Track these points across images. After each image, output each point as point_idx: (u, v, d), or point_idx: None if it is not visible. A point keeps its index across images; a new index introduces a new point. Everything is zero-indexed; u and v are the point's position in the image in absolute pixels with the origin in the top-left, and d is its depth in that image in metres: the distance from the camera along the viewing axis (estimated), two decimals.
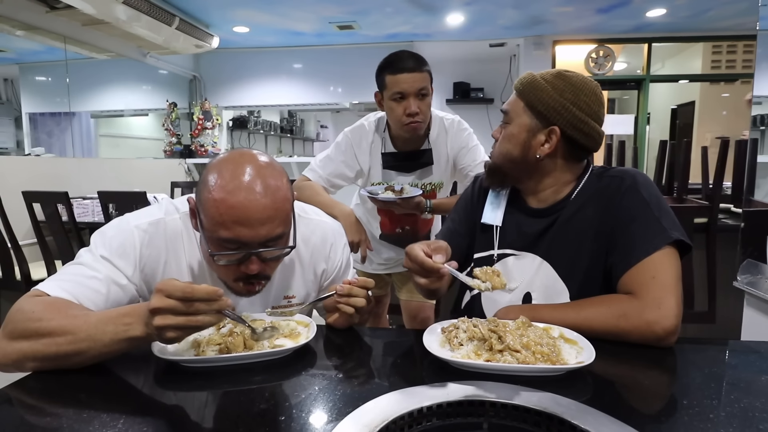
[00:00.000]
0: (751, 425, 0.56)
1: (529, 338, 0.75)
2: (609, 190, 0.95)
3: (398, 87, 1.45)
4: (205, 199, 0.80)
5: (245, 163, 0.81)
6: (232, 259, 0.82)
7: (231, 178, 0.79)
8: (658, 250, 0.87)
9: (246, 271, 0.83)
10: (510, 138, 0.99)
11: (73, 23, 3.92)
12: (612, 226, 0.93)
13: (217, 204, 0.78)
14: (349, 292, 0.88)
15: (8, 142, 4.53)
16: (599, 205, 0.95)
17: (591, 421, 0.55)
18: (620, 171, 0.98)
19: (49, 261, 2.71)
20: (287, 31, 5.24)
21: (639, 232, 0.89)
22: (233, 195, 0.78)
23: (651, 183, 0.95)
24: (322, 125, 9.10)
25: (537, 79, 0.96)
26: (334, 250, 1.08)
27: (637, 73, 5.79)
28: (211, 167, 0.82)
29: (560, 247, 0.97)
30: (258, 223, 0.79)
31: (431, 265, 0.82)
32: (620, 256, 0.90)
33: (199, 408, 0.64)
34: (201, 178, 0.84)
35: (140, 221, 0.90)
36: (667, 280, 0.85)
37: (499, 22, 4.92)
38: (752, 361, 0.78)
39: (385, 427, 0.55)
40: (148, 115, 5.80)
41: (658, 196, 0.93)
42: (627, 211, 0.92)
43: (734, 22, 4.88)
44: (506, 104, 1.01)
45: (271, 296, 1.00)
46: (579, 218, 0.96)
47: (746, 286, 1.43)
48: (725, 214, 2.25)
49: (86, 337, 0.69)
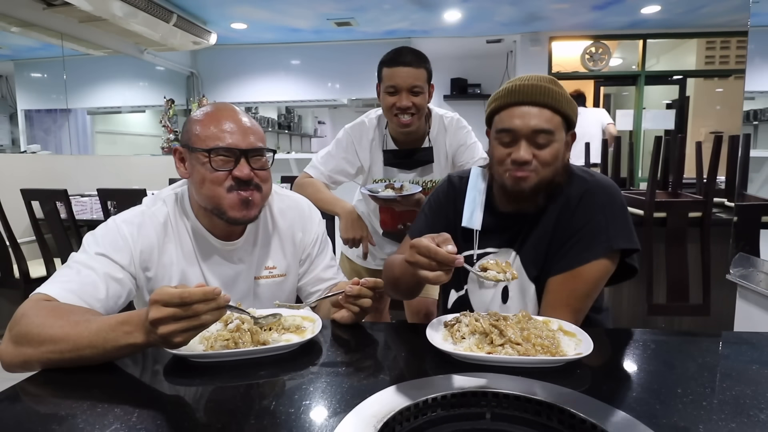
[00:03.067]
0: (742, 412, 0.58)
1: (529, 331, 0.77)
2: (571, 193, 1.01)
3: (392, 80, 1.47)
4: (193, 131, 0.94)
5: (223, 103, 0.99)
6: (225, 165, 0.92)
7: (215, 110, 0.96)
8: (590, 261, 0.95)
9: (239, 174, 0.92)
10: (557, 155, 0.98)
11: (70, 20, 3.90)
12: (565, 230, 1.00)
13: (209, 121, 0.93)
14: (358, 293, 0.90)
15: (3, 139, 4.50)
16: (563, 209, 1.01)
17: (590, 409, 0.57)
18: (588, 174, 1.04)
19: (48, 259, 2.71)
20: (285, 28, 5.23)
21: (582, 238, 0.97)
22: (220, 112, 0.95)
23: (612, 188, 1.01)
24: (319, 121, 9.08)
25: (554, 89, 0.97)
26: (310, 221, 1.16)
27: (632, 68, 5.82)
28: (194, 114, 0.98)
29: (530, 245, 1.02)
30: (243, 131, 0.94)
31: (445, 256, 0.77)
32: (558, 259, 0.98)
33: (208, 402, 0.66)
34: (185, 126, 0.98)
35: (125, 216, 0.98)
36: (578, 294, 0.96)
37: (495, 19, 4.93)
38: (744, 351, 0.81)
39: (391, 418, 0.57)
40: (145, 111, 5.78)
41: (614, 203, 0.99)
42: (580, 217, 0.98)
43: (727, 18, 4.91)
44: (544, 123, 0.95)
45: (253, 267, 1.06)
46: (548, 218, 1.01)
47: (739, 279, 1.46)
48: (719, 208, 2.28)
49: (88, 344, 0.71)
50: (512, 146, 0.97)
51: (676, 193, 2.38)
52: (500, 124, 0.99)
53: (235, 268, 1.04)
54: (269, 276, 1.08)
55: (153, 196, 1.04)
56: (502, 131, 0.98)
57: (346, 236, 1.54)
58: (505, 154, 0.98)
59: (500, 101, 1.00)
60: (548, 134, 0.95)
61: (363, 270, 1.82)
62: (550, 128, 0.95)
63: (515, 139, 0.97)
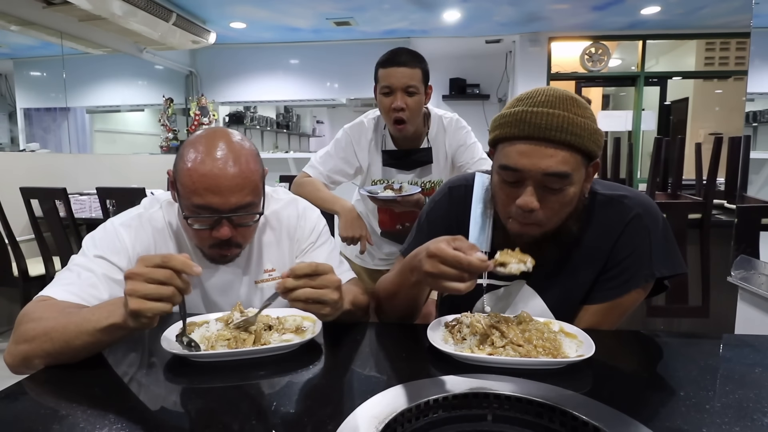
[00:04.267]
0: (745, 416, 0.58)
1: (530, 332, 0.76)
2: (611, 219, 0.88)
3: (386, 81, 1.46)
4: (180, 170, 0.88)
5: (217, 138, 0.89)
6: (204, 224, 0.89)
7: (204, 150, 0.87)
8: (629, 292, 0.88)
9: (217, 236, 0.88)
10: (570, 201, 0.82)
11: (70, 18, 3.89)
12: (608, 257, 0.89)
13: (191, 173, 0.86)
14: (283, 286, 0.74)
15: (2, 137, 4.49)
16: (601, 234, 0.88)
17: (591, 411, 0.56)
18: (625, 196, 0.90)
19: (47, 257, 2.70)
20: (284, 27, 5.23)
21: (626, 268, 0.88)
22: (204, 165, 0.85)
23: (655, 209, 0.90)
24: (318, 121, 9.08)
25: (576, 119, 0.78)
26: (304, 218, 1.10)
27: (631, 69, 5.83)
28: (187, 142, 0.91)
29: (554, 279, 0.91)
30: (227, 191, 0.86)
31: (478, 265, 0.69)
32: (599, 288, 0.90)
33: (207, 401, 0.66)
34: (178, 152, 0.91)
35: (123, 219, 0.97)
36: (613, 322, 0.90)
37: (495, 19, 4.93)
38: (746, 354, 0.80)
39: (393, 419, 0.56)
40: (144, 110, 5.77)
41: (657, 226, 0.88)
42: (625, 245, 0.87)
43: (727, 19, 4.92)
44: (559, 165, 0.78)
45: (251, 271, 1.05)
46: (578, 248, 0.90)
47: (740, 282, 1.46)
48: (718, 210, 2.28)
49: (74, 328, 0.72)
50: (517, 187, 0.81)
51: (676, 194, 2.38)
52: (504, 158, 0.82)
53: (232, 272, 1.03)
54: (269, 279, 1.06)
55: (151, 198, 1.04)
56: (506, 168, 0.81)
57: (345, 234, 1.54)
58: (507, 196, 0.83)
59: (506, 131, 0.81)
60: (563, 178, 0.78)
61: (361, 270, 1.82)
62: (566, 171, 0.77)
63: (521, 180, 0.80)
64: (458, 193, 1.00)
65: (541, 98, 0.80)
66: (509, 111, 0.82)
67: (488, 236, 0.92)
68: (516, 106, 0.82)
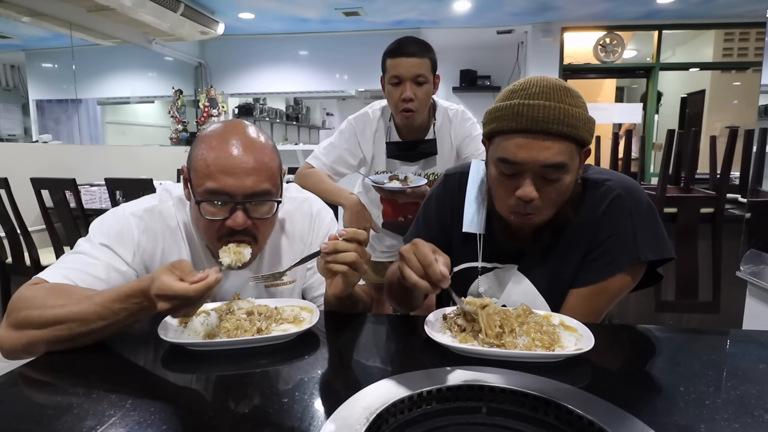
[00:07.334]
0: (746, 412, 0.57)
1: (529, 325, 0.76)
2: (596, 201, 0.90)
3: (395, 71, 1.45)
4: (194, 157, 0.85)
5: (233, 126, 0.88)
6: (218, 214, 0.84)
7: (219, 136, 0.85)
8: (614, 275, 0.87)
9: (232, 225, 0.84)
10: (567, 190, 0.85)
11: (79, 9, 3.92)
12: (591, 238, 0.90)
13: (205, 157, 0.83)
14: (334, 248, 0.79)
15: (16, 128, 4.56)
16: (586, 217, 0.90)
17: (588, 406, 0.55)
18: (608, 179, 0.92)
19: (58, 247, 2.75)
20: (293, 18, 5.21)
21: (607, 250, 0.88)
22: (220, 147, 0.83)
23: (638, 190, 0.91)
24: (327, 113, 9.07)
25: (570, 109, 0.80)
26: (319, 221, 1.09)
27: (646, 60, 5.71)
28: (201, 133, 0.88)
29: (543, 262, 0.93)
30: (243, 174, 0.82)
31: (436, 274, 0.72)
32: (582, 270, 0.91)
33: (204, 390, 0.66)
34: (193, 144, 0.88)
35: (136, 208, 0.93)
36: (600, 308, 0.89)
37: (506, 9, 4.86)
38: (751, 349, 0.79)
39: (385, 410, 0.56)
40: (154, 102, 5.81)
41: (640, 207, 0.89)
42: (607, 226, 0.89)
43: (747, 8, 4.79)
44: (556, 156, 0.80)
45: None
46: (565, 232, 0.91)
47: (749, 276, 1.43)
48: (732, 204, 2.24)
49: (97, 318, 0.72)
50: (514, 179, 0.83)
51: (688, 188, 2.34)
52: (501, 151, 0.83)
53: (243, 275, 0.99)
54: (281, 283, 1.03)
55: (167, 190, 0.99)
56: (504, 161, 0.83)
57: (352, 227, 1.53)
58: (506, 188, 0.85)
59: (503, 124, 0.82)
60: (560, 168, 0.80)
61: None
62: (563, 161, 0.80)
63: (519, 172, 0.82)
64: (454, 180, 1.03)
65: (535, 90, 0.81)
66: (504, 104, 0.83)
67: (482, 218, 0.95)
68: (510, 99, 0.83)
